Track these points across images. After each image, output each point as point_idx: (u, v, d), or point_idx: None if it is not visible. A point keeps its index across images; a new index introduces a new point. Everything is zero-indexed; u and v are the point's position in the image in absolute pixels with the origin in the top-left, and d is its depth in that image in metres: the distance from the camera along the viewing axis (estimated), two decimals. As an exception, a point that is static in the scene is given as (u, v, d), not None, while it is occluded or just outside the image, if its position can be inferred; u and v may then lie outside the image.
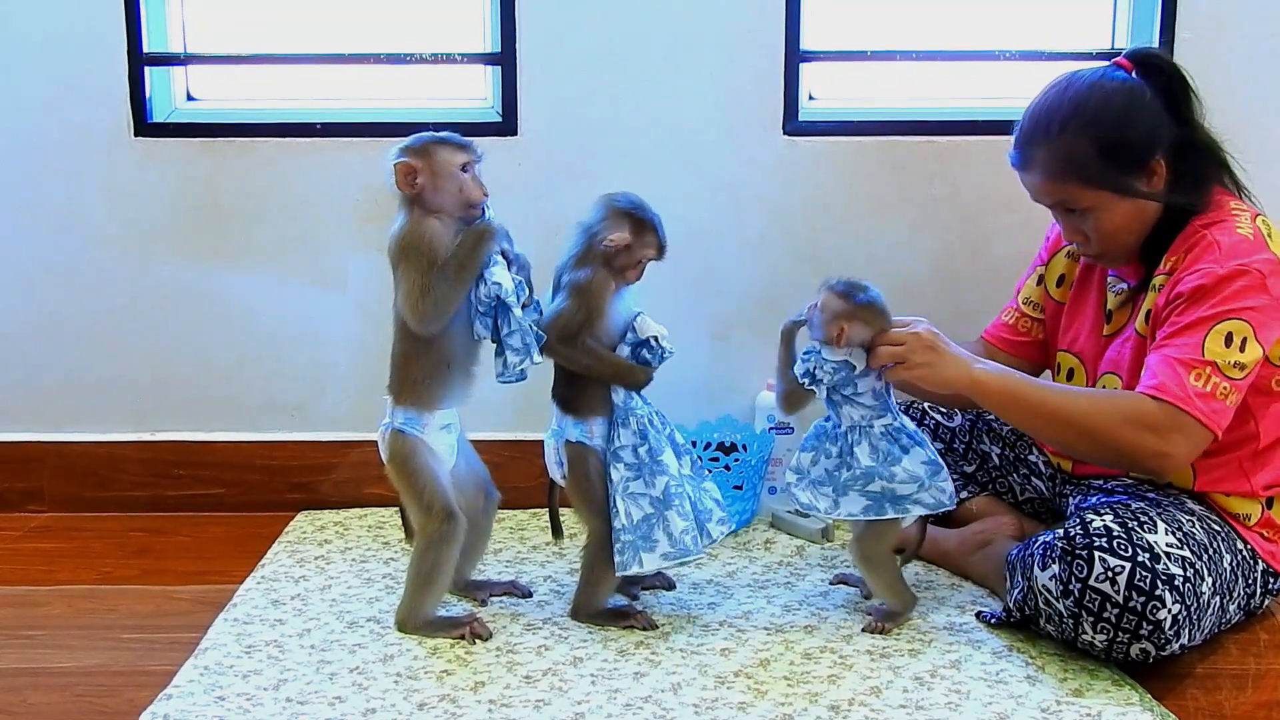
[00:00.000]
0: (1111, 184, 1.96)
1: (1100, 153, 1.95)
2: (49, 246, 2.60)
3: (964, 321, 2.56)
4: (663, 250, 2.04)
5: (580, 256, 2.02)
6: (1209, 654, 1.98)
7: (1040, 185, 2.02)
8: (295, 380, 2.65)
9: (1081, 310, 2.19)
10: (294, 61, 2.63)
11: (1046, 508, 2.33)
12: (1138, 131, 1.96)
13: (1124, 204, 1.98)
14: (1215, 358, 1.88)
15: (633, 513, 2.00)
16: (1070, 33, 2.63)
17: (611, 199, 2.03)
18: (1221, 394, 1.88)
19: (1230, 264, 1.90)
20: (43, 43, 2.53)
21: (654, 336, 2.02)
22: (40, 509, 2.65)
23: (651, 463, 2.01)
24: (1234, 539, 1.99)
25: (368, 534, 2.49)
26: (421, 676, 1.89)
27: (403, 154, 1.97)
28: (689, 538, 2.01)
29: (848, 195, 2.60)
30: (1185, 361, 1.89)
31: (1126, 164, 1.96)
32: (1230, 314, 1.89)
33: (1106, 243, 2.02)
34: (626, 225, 2.01)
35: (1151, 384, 1.90)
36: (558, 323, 2.00)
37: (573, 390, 2.04)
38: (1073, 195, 1.98)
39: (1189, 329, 1.90)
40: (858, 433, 2.04)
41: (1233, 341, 1.88)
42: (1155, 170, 1.98)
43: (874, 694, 1.84)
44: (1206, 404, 1.87)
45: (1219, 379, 1.88)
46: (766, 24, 2.54)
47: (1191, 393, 1.87)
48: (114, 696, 1.86)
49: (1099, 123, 1.95)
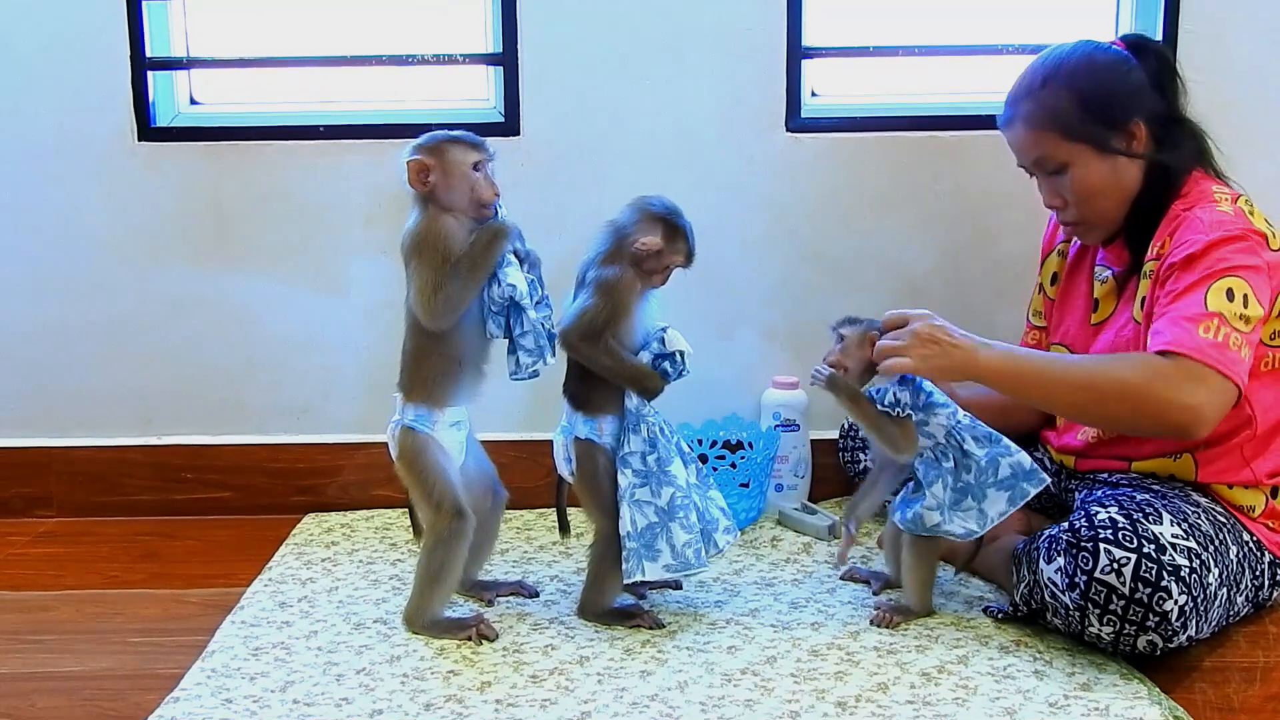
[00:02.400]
0: (1090, 137, 2.00)
1: (1081, 105, 2.00)
2: (53, 252, 2.60)
3: (969, 317, 2.54)
4: (691, 258, 2.04)
5: (608, 255, 2.01)
6: (1217, 647, 1.98)
7: (1022, 138, 2.05)
8: (301, 384, 2.66)
9: (1071, 301, 2.21)
10: (296, 64, 2.63)
11: (1053, 503, 2.33)
12: (1119, 90, 2.01)
13: (1102, 163, 2.01)
14: (1221, 309, 1.88)
15: (638, 520, 2.00)
16: (1074, 27, 2.62)
17: (646, 202, 2.03)
18: (1235, 344, 1.86)
19: (1217, 232, 1.92)
20: (46, 48, 2.53)
21: (680, 352, 2.02)
22: (48, 514, 2.66)
23: (659, 472, 2.00)
24: (1240, 530, 1.98)
25: (374, 536, 2.49)
26: (428, 677, 1.89)
27: (416, 152, 1.98)
28: (691, 551, 2.00)
29: (851, 192, 2.60)
30: (1191, 317, 1.88)
31: (1106, 120, 2.00)
32: (1226, 271, 1.90)
33: (1084, 206, 2.04)
34: (659, 230, 2.00)
35: (1162, 341, 1.88)
36: (582, 320, 1.99)
37: (584, 387, 2.04)
38: (1051, 148, 2.02)
39: (1187, 291, 1.91)
40: (953, 434, 2.02)
41: (1234, 296, 1.89)
42: (1135, 133, 2.01)
43: (881, 690, 1.83)
44: (1221, 353, 1.85)
45: (1228, 329, 1.87)
46: (768, 21, 2.54)
47: (1204, 344, 1.85)
48: (121, 700, 1.87)
49: (1081, 76, 2.01)
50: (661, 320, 2.05)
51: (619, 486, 2.00)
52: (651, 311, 2.04)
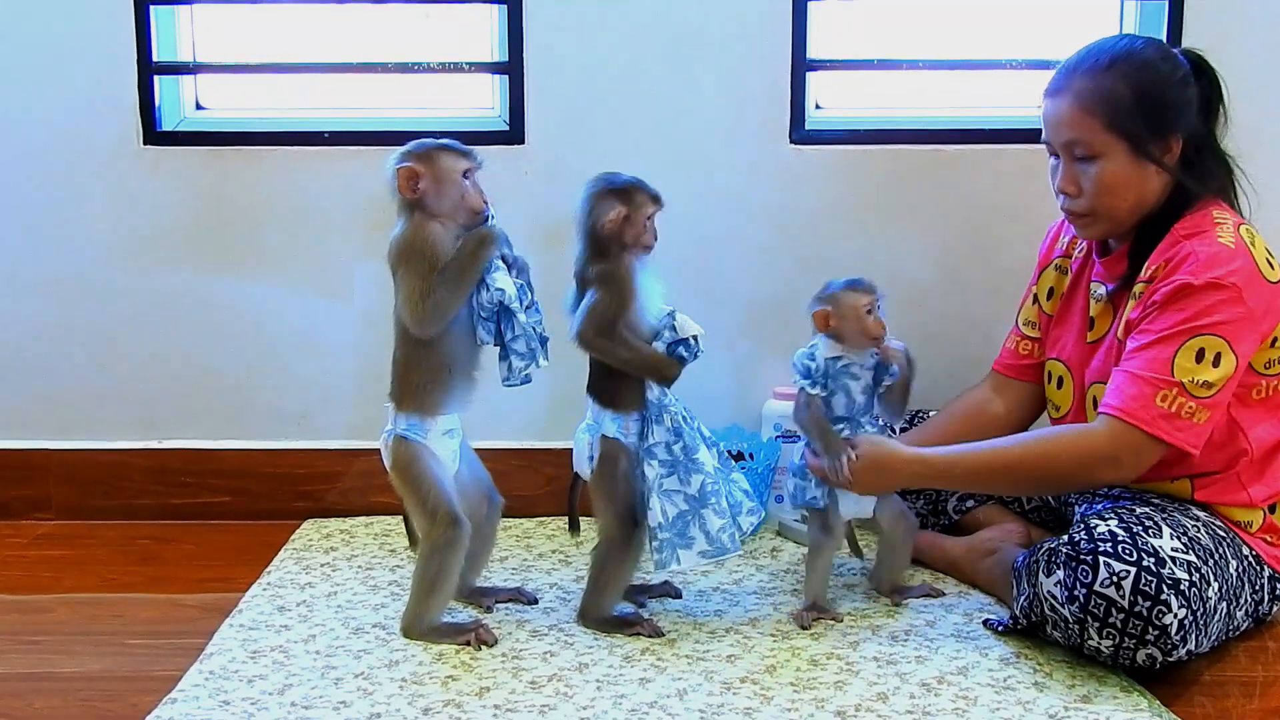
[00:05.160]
0: (1130, 134, 1.97)
1: (1136, 100, 1.96)
2: (56, 254, 2.60)
3: (971, 330, 2.57)
4: (658, 199, 2.04)
5: (592, 251, 2.01)
6: (1217, 661, 1.98)
7: (1065, 113, 2.00)
8: (301, 389, 2.65)
9: (1068, 318, 2.20)
10: (302, 71, 2.64)
11: (1053, 515, 2.33)
12: (1175, 99, 1.99)
13: (1131, 163, 1.98)
14: (1184, 377, 1.89)
15: (668, 510, 2.00)
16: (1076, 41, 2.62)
17: (589, 185, 2.04)
18: (1187, 413, 1.90)
19: (1205, 275, 1.90)
20: (52, 52, 2.54)
21: (693, 336, 2.02)
22: (46, 517, 2.65)
23: (686, 460, 2.01)
24: (1239, 545, 1.98)
25: (374, 542, 2.49)
26: (427, 682, 1.89)
27: (405, 159, 1.98)
28: (726, 535, 2.01)
29: (854, 204, 2.60)
30: (1152, 381, 1.90)
31: (1153, 123, 1.97)
32: (1203, 329, 1.89)
33: (1099, 199, 2.01)
34: (614, 199, 2.00)
35: (1115, 405, 1.92)
36: (592, 316, 1.98)
37: (612, 384, 2.03)
38: (1090, 133, 1.98)
39: (1160, 343, 1.91)
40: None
41: (1204, 357, 1.89)
42: (1171, 146, 1.99)
43: (881, 700, 1.83)
44: (1170, 424, 1.90)
45: (1185, 399, 1.89)
46: (773, 33, 2.55)
47: (1156, 414, 1.90)
48: (118, 701, 1.86)
49: (1146, 72, 1.98)
50: (665, 304, 2.04)
51: (645, 479, 2.00)
52: (655, 294, 2.04)
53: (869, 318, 2.06)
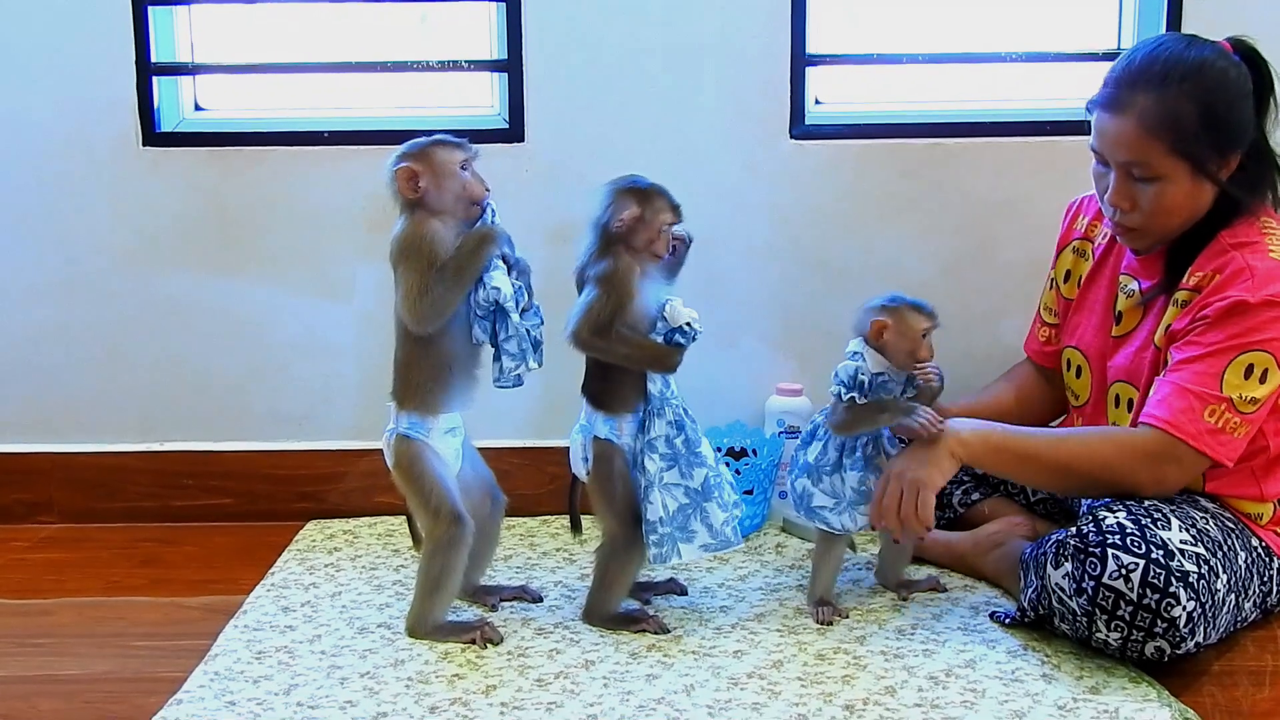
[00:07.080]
0: (1194, 157, 1.90)
1: (1203, 123, 1.89)
2: (56, 256, 2.59)
3: (972, 324, 2.56)
4: (677, 211, 2.03)
5: (599, 249, 2.01)
6: (1226, 651, 1.97)
7: (1127, 134, 1.91)
8: (303, 390, 2.65)
9: (1089, 306, 2.18)
10: (301, 70, 2.63)
11: (1059, 508, 2.32)
12: (1240, 118, 1.92)
13: (1191, 183, 1.92)
14: (1232, 393, 1.88)
15: (669, 504, 2.00)
16: (1076, 34, 2.63)
17: (611, 183, 2.03)
18: (1231, 428, 1.89)
19: (1262, 293, 1.88)
20: (51, 53, 2.53)
21: (686, 323, 2.01)
22: (49, 520, 2.64)
23: (689, 454, 2.01)
24: (1248, 536, 1.98)
25: (378, 542, 2.48)
26: (433, 680, 1.88)
27: (403, 160, 1.98)
28: (729, 529, 2.02)
29: (855, 199, 2.60)
30: (1201, 395, 1.88)
31: (1218, 145, 1.91)
32: (1254, 345, 1.88)
33: (1153, 218, 1.95)
34: (632, 200, 2.00)
35: (1163, 416, 1.90)
36: (588, 315, 1.98)
37: (606, 386, 2.03)
38: (1152, 156, 1.90)
39: (1211, 356, 1.89)
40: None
41: (1252, 373, 1.88)
42: (1231, 162, 1.94)
43: (889, 693, 1.82)
44: (1215, 439, 1.89)
45: (1231, 415, 1.88)
46: (772, 28, 2.54)
47: (1203, 429, 1.88)
48: (123, 703, 1.86)
49: (1215, 91, 1.89)
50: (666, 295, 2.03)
51: (645, 472, 1.99)
52: (656, 292, 2.03)
53: (924, 341, 2.05)
